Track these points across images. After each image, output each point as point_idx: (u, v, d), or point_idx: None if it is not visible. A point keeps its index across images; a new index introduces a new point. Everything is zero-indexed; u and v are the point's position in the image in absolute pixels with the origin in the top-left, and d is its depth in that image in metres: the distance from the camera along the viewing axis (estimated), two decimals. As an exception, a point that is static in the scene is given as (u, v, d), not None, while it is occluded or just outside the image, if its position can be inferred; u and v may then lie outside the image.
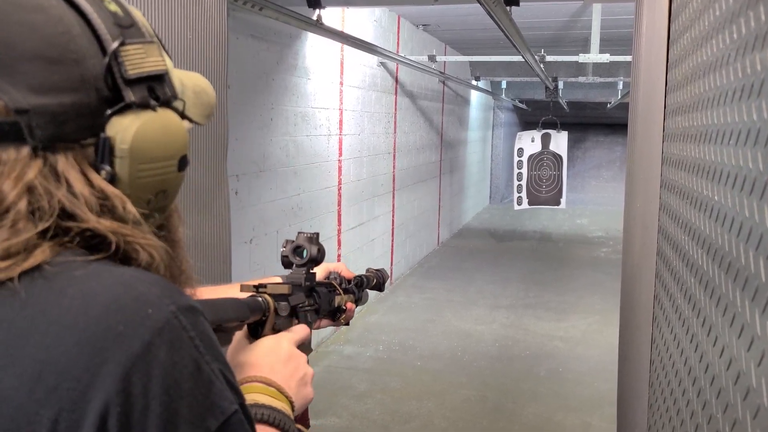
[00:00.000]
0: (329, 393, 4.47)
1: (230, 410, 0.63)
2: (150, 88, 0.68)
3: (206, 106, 0.78)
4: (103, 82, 0.64)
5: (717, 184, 0.83)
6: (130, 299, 0.60)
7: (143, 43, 0.68)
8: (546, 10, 6.45)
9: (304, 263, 1.10)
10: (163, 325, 0.59)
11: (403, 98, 7.58)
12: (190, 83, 0.76)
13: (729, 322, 0.74)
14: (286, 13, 3.83)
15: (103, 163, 0.65)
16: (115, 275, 0.62)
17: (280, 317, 1.00)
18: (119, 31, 0.66)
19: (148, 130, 0.67)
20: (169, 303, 0.61)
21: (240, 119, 4.03)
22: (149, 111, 0.67)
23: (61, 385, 0.56)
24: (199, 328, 0.63)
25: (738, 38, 0.77)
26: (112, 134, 0.65)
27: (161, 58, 0.71)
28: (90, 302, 0.59)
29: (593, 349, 5.47)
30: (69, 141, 0.63)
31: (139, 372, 0.57)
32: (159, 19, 1.98)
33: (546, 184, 10.06)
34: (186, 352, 0.60)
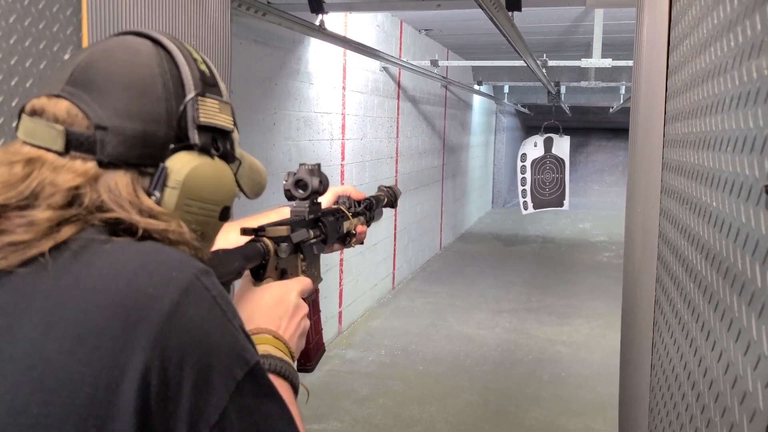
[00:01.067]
0: (331, 397, 4.47)
1: (253, 361, 0.69)
2: (214, 138, 0.78)
3: (256, 183, 0.89)
4: (176, 120, 0.74)
5: (715, 190, 0.84)
6: (155, 264, 0.66)
7: (220, 101, 0.79)
8: (548, 15, 6.46)
9: (307, 196, 1.09)
10: (187, 285, 0.66)
11: (406, 103, 7.60)
12: (248, 159, 0.87)
13: (726, 326, 0.75)
14: (289, 18, 3.84)
15: (155, 189, 0.73)
16: (137, 246, 0.68)
17: (282, 258, 0.99)
18: (203, 85, 0.77)
19: (203, 171, 0.75)
20: (190, 266, 0.68)
21: (243, 124, 4.03)
22: (208, 157, 0.77)
23: (102, 345, 0.61)
24: (218, 287, 0.69)
25: (736, 46, 0.78)
26: (170, 165, 0.73)
27: (231, 119, 0.81)
28: (119, 269, 0.65)
29: (596, 353, 5.47)
30: (132, 164, 0.72)
31: (172, 328, 0.63)
32: (162, 25, 1.99)
33: (549, 186, 10.07)
34: (210, 309, 0.67)
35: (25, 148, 0.72)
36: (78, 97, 0.71)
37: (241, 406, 0.66)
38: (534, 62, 5.67)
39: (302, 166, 1.10)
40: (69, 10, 1.50)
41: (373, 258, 6.65)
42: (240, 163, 0.84)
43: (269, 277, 0.98)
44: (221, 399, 0.65)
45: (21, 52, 1.38)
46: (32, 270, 0.64)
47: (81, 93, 0.71)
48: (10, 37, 1.35)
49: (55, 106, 0.72)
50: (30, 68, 1.40)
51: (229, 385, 0.66)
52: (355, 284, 6.16)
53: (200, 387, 0.64)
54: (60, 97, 0.72)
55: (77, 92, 0.72)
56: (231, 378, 0.66)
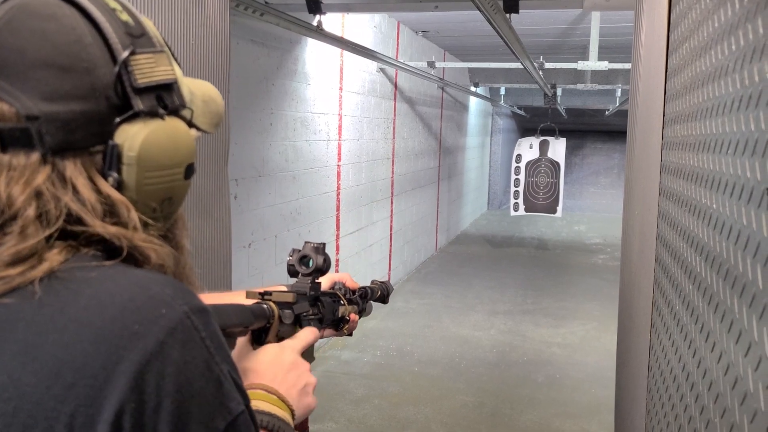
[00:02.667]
0: (327, 398, 4.47)
1: (237, 410, 0.65)
2: (159, 96, 0.69)
3: (214, 114, 0.79)
4: (113, 90, 0.65)
5: (715, 193, 0.85)
6: (144, 299, 0.61)
7: (153, 52, 0.69)
8: (545, 18, 6.47)
9: (310, 273, 1.10)
10: (176, 324, 0.61)
11: (402, 104, 7.60)
12: (198, 92, 0.77)
13: (727, 328, 0.75)
14: (286, 18, 3.84)
15: (110, 169, 0.66)
16: (128, 276, 0.64)
17: (284, 325, 1.00)
18: (130, 40, 0.67)
19: (156, 138, 0.68)
20: (182, 303, 0.63)
21: (240, 124, 4.04)
22: (157, 119, 0.68)
23: (79, 382, 0.58)
24: (210, 329, 0.65)
25: (737, 49, 0.78)
26: (120, 142, 0.66)
27: (171, 67, 0.72)
28: (106, 302, 0.61)
29: (591, 355, 5.48)
30: (78, 148, 0.64)
31: (153, 370, 0.59)
32: (162, 25, 1.99)
33: (543, 191, 10.08)
34: (197, 352, 0.62)
35: None
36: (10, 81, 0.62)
37: None
38: (531, 64, 5.69)
39: (307, 244, 1.11)
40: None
41: (368, 259, 6.65)
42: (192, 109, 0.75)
43: (269, 341, 0.98)
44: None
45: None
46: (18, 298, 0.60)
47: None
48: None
49: None
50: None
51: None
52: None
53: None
54: None
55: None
56: (212, 428, 0.62)
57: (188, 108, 0.74)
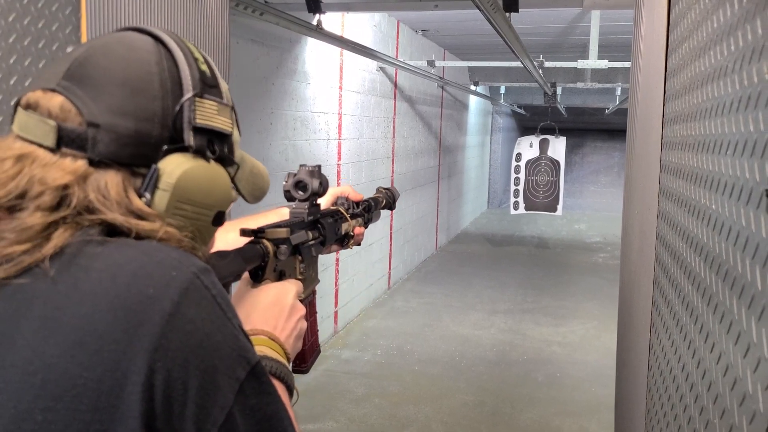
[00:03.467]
0: (327, 397, 4.47)
1: (254, 360, 0.68)
2: (210, 141, 0.75)
3: (258, 189, 0.86)
4: (171, 120, 0.71)
5: (714, 193, 0.85)
6: (154, 265, 0.65)
7: (219, 103, 0.77)
8: (545, 16, 6.47)
9: (307, 197, 1.09)
10: (188, 285, 0.64)
11: (402, 103, 7.60)
12: (250, 162, 0.85)
13: (726, 329, 0.75)
14: (286, 18, 3.84)
15: (146, 190, 0.70)
16: (134, 246, 0.67)
17: (281, 260, 0.99)
18: (201, 86, 0.74)
19: (196, 174, 0.73)
20: (189, 265, 0.66)
21: (240, 123, 4.03)
22: (203, 160, 0.74)
23: (103, 348, 0.60)
24: (218, 286, 0.68)
25: (736, 50, 0.78)
26: (162, 167, 0.71)
27: (230, 122, 0.78)
28: (117, 272, 0.63)
29: (591, 354, 5.48)
30: (123, 164, 0.70)
31: (173, 329, 0.62)
32: (161, 24, 1.99)
33: (543, 189, 10.08)
34: (211, 309, 0.65)
35: (17, 143, 0.70)
36: (72, 92, 0.69)
37: (245, 406, 0.66)
38: (530, 63, 5.68)
39: (302, 168, 1.09)
40: (68, 9, 1.50)
41: (368, 258, 6.65)
42: (239, 166, 0.81)
43: (267, 278, 0.97)
44: (227, 399, 0.64)
45: (19, 51, 1.38)
46: (30, 278, 0.63)
47: (76, 88, 0.69)
48: (8, 36, 1.35)
49: (49, 100, 0.70)
50: (29, 67, 1.40)
51: (233, 386, 0.65)
52: (350, 284, 6.16)
53: (206, 388, 0.63)
54: (55, 92, 0.70)
55: (72, 87, 0.70)
56: (234, 378, 0.65)
57: (235, 164, 0.80)
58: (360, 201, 1.32)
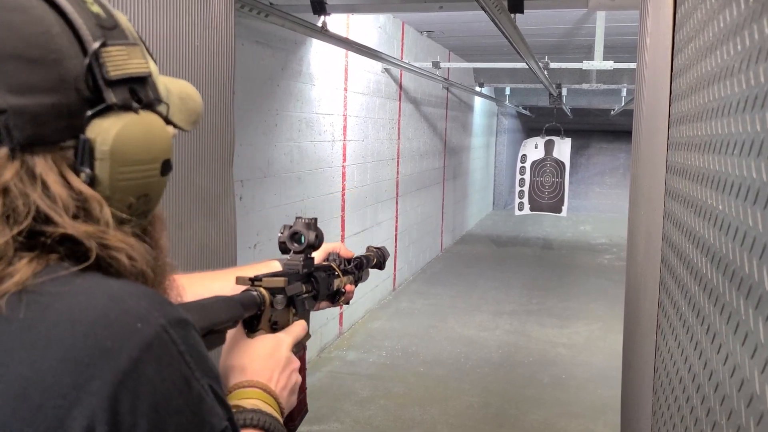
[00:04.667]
0: (332, 399, 4.47)
1: (220, 427, 0.63)
2: (132, 90, 0.67)
3: (192, 112, 0.77)
4: (83, 82, 0.63)
5: (721, 194, 0.84)
6: (118, 313, 0.58)
7: (126, 45, 0.67)
8: (550, 17, 6.47)
9: (302, 249, 1.08)
10: (152, 339, 0.58)
11: (407, 104, 7.60)
12: (175, 89, 0.75)
13: (733, 329, 0.75)
14: (291, 19, 3.85)
15: (82, 165, 0.63)
16: (103, 289, 0.61)
17: (276, 310, 0.98)
18: (101, 32, 0.65)
19: (130, 132, 0.65)
20: (158, 316, 0.60)
21: (245, 125, 4.04)
22: (131, 113, 0.66)
23: (47, 403, 0.55)
24: (189, 341, 0.62)
25: (742, 50, 0.78)
26: (92, 136, 0.63)
27: (144, 60, 0.69)
28: (77, 317, 0.58)
29: (596, 355, 5.47)
30: (48, 143, 0.62)
31: (126, 389, 0.56)
32: (167, 26, 2.00)
33: (548, 191, 10.07)
34: (176, 368, 0.60)
35: None
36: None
37: None
38: (536, 64, 5.68)
39: (299, 219, 1.09)
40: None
41: (373, 259, 6.64)
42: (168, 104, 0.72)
43: (262, 329, 0.96)
44: None
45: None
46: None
47: None
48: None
49: None
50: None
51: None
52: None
53: None
54: None
55: None
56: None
57: (164, 103, 0.71)
58: (351, 258, 1.31)
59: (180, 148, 2.08)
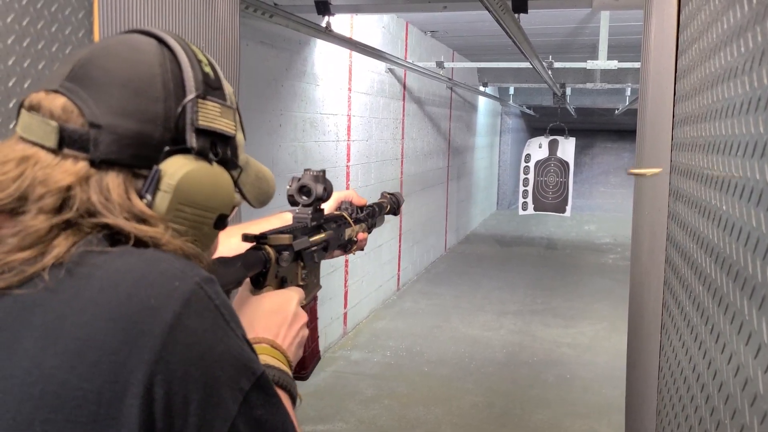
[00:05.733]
0: (336, 398, 4.48)
1: (259, 371, 0.68)
2: (213, 143, 0.74)
3: (263, 193, 0.85)
4: (173, 122, 0.71)
5: (725, 194, 0.85)
6: (156, 274, 0.64)
7: (222, 105, 0.76)
8: (554, 17, 6.46)
9: (310, 203, 1.08)
10: (190, 295, 0.63)
11: (411, 104, 7.61)
12: (255, 166, 0.84)
13: (737, 329, 0.75)
14: (295, 20, 3.85)
15: (147, 192, 0.70)
16: (137, 255, 0.66)
17: (282, 267, 0.98)
18: (204, 87, 0.74)
19: (198, 175, 0.72)
20: (192, 275, 0.65)
21: (249, 125, 4.05)
22: (205, 162, 0.73)
23: (102, 359, 0.60)
24: (222, 296, 0.67)
25: (746, 51, 0.78)
26: (164, 168, 0.70)
27: (234, 123, 0.78)
28: (119, 281, 0.63)
29: (601, 355, 5.47)
30: (125, 165, 0.69)
31: (175, 341, 0.61)
32: (172, 27, 2.00)
33: (552, 190, 10.06)
34: (214, 320, 0.65)
35: (19, 145, 0.70)
36: (75, 93, 0.69)
37: (250, 417, 0.65)
38: (540, 64, 5.68)
39: (307, 172, 1.09)
40: (81, 13, 1.51)
41: (378, 259, 6.65)
42: (242, 170, 0.81)
43: (269, 285, 0.97)
44: (230, 411, 0.63)
45: (33, 55, 1.39)
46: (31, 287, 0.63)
47: (78, 89, 0.69)
48: (23, 40, 1.37)
49: (51, 101, 0.69)
50: (42, 71, 1.42)
51: (237, 397, 0.64)
52: (360, 286, 6.17)
53: (208, 401, 0.62)
54: (57, 93, 0.70)
55: (75, 88, 0.69)
56: (238, 389, 0.64)
57: (239, 167, 0.79)
58: (364, 206, 1.31)
59: (185, 149, 2.09)
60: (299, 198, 1.08)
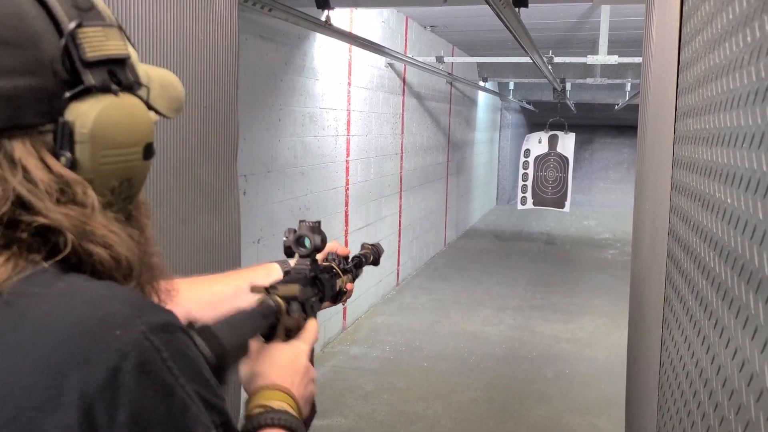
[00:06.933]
0: (336, 393, 4.48)
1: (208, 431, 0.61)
2: (111, 71, 0.65)
3: (174, 99, 0.75)
4: (60, 64, 0.61)
5: (730, 187, 0.84)
6: (95, 320, 0.56)
7: (103, 26, 0.65)
8: (554, 12, 6.44)
9: (308, 253, 1.08)
10: (131, 348, 0.56)
11: (411, 99, 7.59)
12: (156, 75, 0.74)
13: (742, 324, 0.74)
14: (294, 14, 3.84)
15: (62, 149, 0.61)
16: (82, 293, 0.58)
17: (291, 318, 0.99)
18: (77, 13, 0.63)
19: (110, 114, 0.64)
20: (139, 323, 0.57)
21: (248, 120, 4.04)
22: (110, 95, 0.64)
23: (21, 414, 0.53)
24: (174, 346, 0.59)
25: (752, 41, 0.77)
26: (71, 119, 0.61)
27: (123, 43, 0.68)
28: (53, 325, 0.55)
29: (600, 351, 5.46)
30: (26, 127, 0.60)
31: (103, 400, 0.54)
32: (171, 21, 1.99)
33: (552, 186, 10.05)
34: (157, 376, 0.57)
35: None
36: None
37: None
38: (540, 59, 5.66)
39: (303, 223, 1.09)
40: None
41: (377, 254, 6.64)
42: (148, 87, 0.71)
43: (278, 337, 0.97)
44: None
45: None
46: None
47: None
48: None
49: None
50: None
51: None
52: (359, 281, 6.13)
53: None
54: None
55: None
56: None
57: (144, 86, 0.70)
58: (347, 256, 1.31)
59: (184, 143, 2.07)
60: (297, 249, 1.08)
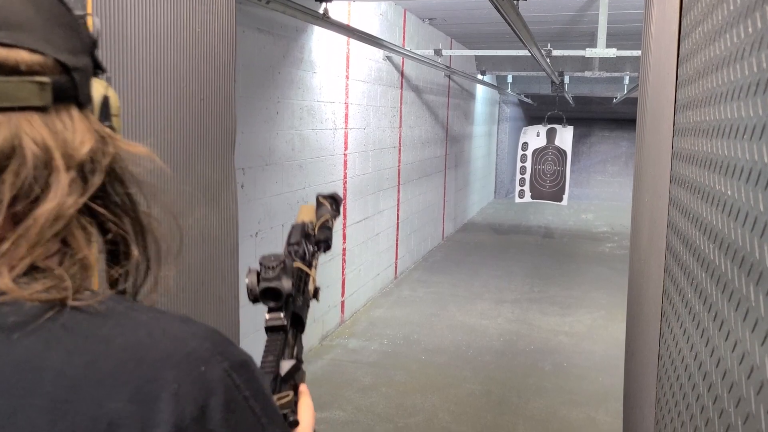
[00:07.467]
0: (334, 386, 4.48)
1: None
2: None
3: None
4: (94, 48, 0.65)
5: (730, 179, 0.83)
6: (182, 356, 0.57)
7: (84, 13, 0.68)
8: (553, 4, 6.43)
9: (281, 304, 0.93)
10: (216, 385, 0.57)
11: (409, 92, 7.57)
12: None
13: (742, 316, 0.74)
14: (292, 6, 3.82)
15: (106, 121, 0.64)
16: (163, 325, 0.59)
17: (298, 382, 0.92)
18: None
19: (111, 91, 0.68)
20: (221, 360, 0.58)
21: (246, 113, 4.03)
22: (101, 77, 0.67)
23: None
24: (254, 385, 0.60)
25: (753, 33, 0.77)
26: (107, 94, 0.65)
27: None
28: (142, 356, 0.56)
29: (598, 344, 5.47)
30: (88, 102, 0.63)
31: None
32: (167, 12, 1.98)
33: (550, 179, 10.05)
34: (241, 414, 0.58)
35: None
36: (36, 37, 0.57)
37: None
38: (538, 52, 5.65)
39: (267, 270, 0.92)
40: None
41: (375, 248, 6.64)
42: None
43: None
44: None
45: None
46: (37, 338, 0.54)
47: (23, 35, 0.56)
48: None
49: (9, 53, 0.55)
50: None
51: None
52: (357, 274, 6.16)
53: None
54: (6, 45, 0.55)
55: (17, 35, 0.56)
56: None
57: None
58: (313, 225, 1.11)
59: (181, 136, 2.07)
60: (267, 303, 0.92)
